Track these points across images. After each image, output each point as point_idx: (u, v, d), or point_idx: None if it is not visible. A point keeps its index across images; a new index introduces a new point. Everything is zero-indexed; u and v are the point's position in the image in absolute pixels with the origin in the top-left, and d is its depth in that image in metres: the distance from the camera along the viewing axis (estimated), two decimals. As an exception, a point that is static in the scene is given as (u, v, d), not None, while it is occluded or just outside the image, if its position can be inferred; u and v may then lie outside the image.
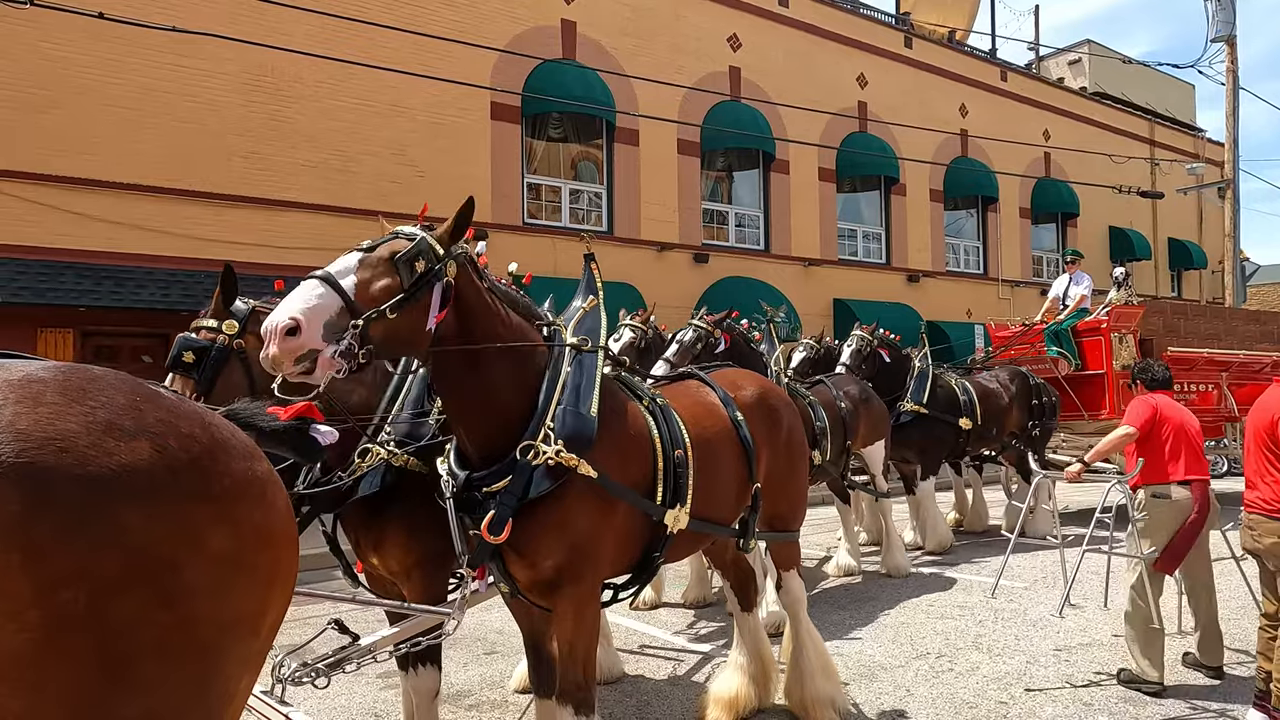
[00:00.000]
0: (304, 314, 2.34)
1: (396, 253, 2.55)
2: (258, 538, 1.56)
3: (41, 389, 1.42)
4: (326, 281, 2.44)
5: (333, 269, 2.50)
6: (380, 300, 2.49)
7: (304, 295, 2.39)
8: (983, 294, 20.05)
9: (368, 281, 2.51)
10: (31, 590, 1.29)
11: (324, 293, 2.42)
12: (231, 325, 3.12)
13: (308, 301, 2.38)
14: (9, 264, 9.63)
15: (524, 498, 2.71)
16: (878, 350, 8.24)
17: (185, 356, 3.03)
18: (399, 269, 2.53)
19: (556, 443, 2.74)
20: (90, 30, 9.61)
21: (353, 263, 2.53)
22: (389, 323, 2.49)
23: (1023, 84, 21.60)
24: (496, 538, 2.68)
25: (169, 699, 1.43)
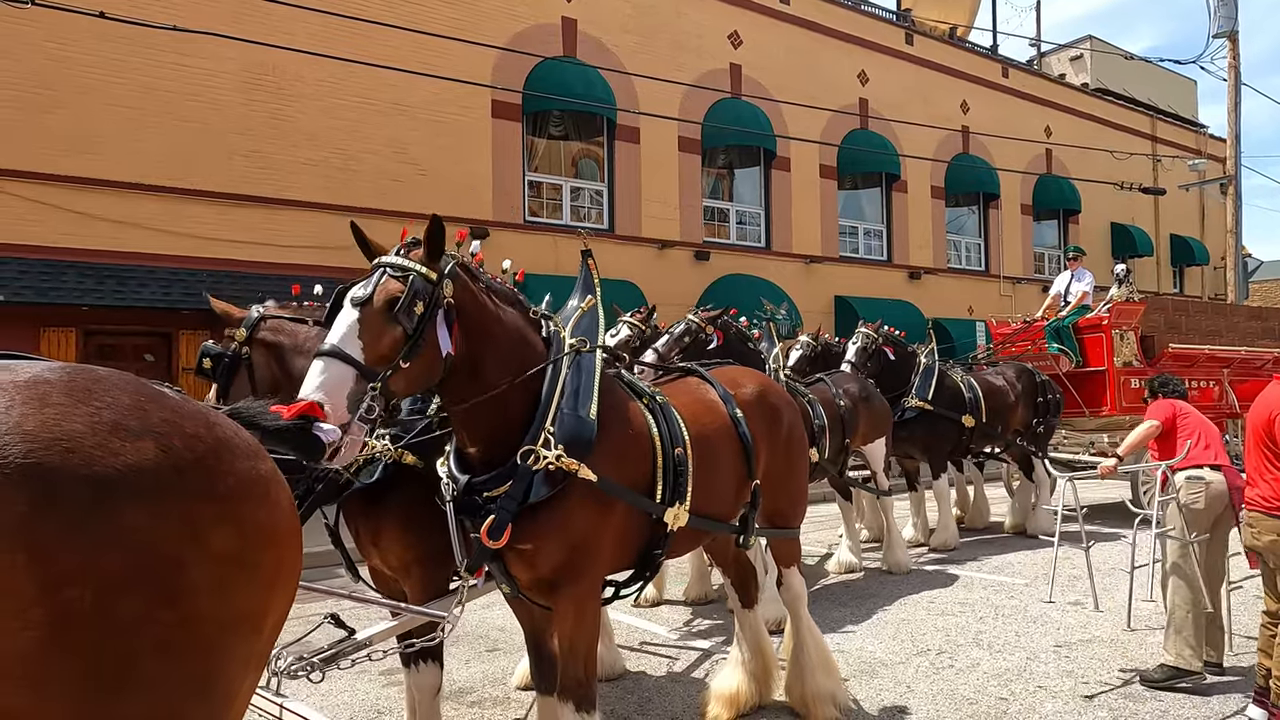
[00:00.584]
0: (326, 398, 2.32)
1: (394, 301, 2.50)
2: (261, 537, 1.58)
3: (48, 390, 1.43)
4: (334, 356, 2.41)
5: (335, 339, 2.45)
6: (391, 356, 2.48)
7: (316, 377, 2.37)
8: (984, 291, 20.04)
9: (374, 341, 2.47)
10: (36, 589, 1.30)
11: (335, 367, 2.39)
12: (240, 332, 3.22)
13: (328, 384, 2.36)
14: (12, 263, 9.66)
15: (524, 502, 2.72)
16: (882, 348, 8.24)
17: (205, 363, 3.15)
18: (400, 319, 2.49)
19: (557, 447, 2.74)
20: (93, 30, 9.63)
21: (353, 325, 2.47)
22: (404, 372, 2.50)
23: (1024, 80, 21.57)
24: (496, 542, 2.69)
25: (172, 697, 1.45)
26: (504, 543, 2.70)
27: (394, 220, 12.55)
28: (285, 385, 3.16)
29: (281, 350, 3.25)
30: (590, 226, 14.55)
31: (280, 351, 3.24)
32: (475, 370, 2.73)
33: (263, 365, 3.20)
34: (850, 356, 8.05)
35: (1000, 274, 20.53)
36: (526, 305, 3.05)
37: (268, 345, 3.24)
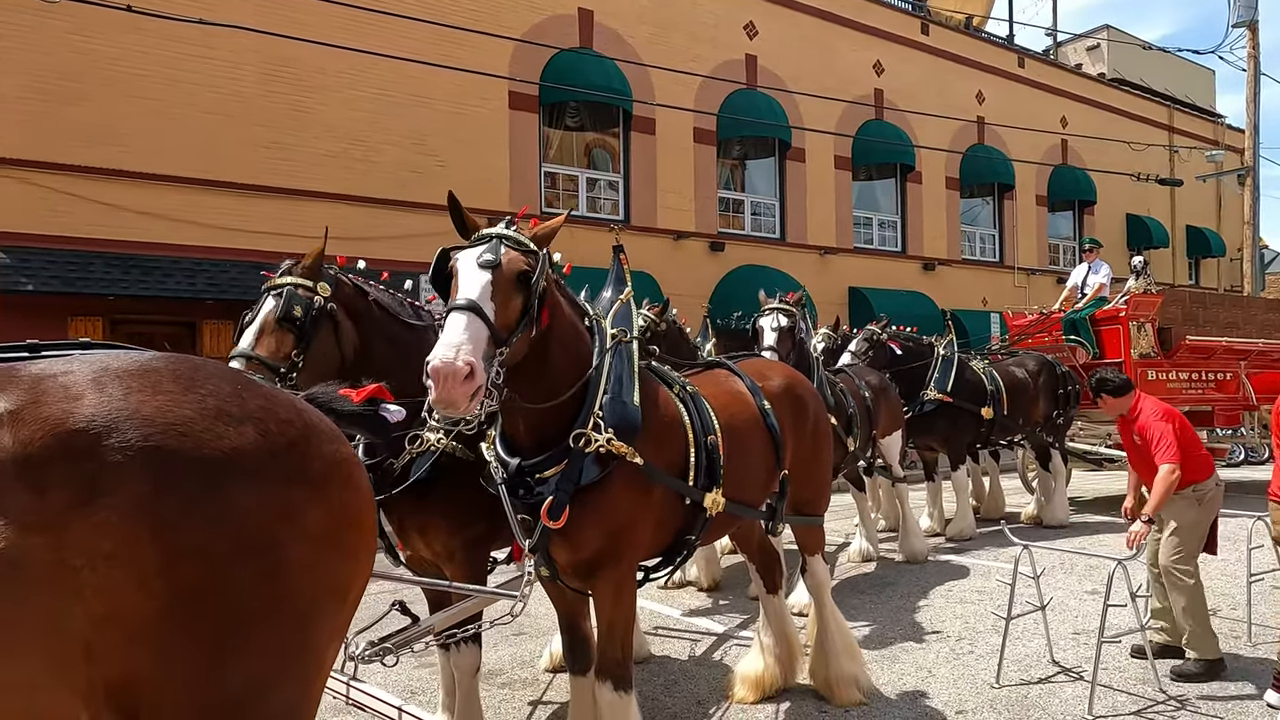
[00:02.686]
0: (474, 355, 2.41)
1: (524, 273, 2.61)
2: (346, 517, 1.68)
3: (158, 378, 1.53)
4: (474, 312, 2.49)
5: (472, 294, 2.52)
6: (515, 324, 2.58)
7: (461, 331, 2.44)
8: (999, 282, 20.01)
9: (504, 306, 2.56)
10: (158, 562, 1.41)
11: (477, 325, 2.48)
12: (325, 288, 3.21)
13: (472, 339, 2.43)
14: (41, 253, 9.82)
15: (578, 483, 2.81)
16: (887, 344, 8.26)
17: (295, 311, 3.11)
18: (523, 289, 2.59)
19: (607, 431, 2.85)
20: (119, 23, 9.75)
21: (486, 286, 2.55)
22: (519, 343, 2.60)
23: (1040, 70, 21.45)
24: (555, 522, 2.78)
25: (273, 663, 1.55)
26: (563, 522, 2.79)
27: (412, 212, 12.71)
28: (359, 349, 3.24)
29: (359, 313, 3.30)
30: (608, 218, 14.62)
31: (358, 315, 3.30)
32: (544, 357, 2.83)
33: (346, 326, 3.24)
34: (850, 348, 8.09)
35: (1015, 265, 20.49)
36: (575, 296, 3.16)
37: (349, 308, 3.27)
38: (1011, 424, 8.87)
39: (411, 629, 3.06)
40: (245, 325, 3.18)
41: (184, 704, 1.47)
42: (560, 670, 4.81)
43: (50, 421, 1.40)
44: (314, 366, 3.10)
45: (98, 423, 1.42)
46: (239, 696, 1.52)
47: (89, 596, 1.37)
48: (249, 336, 3.12)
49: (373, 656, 2.88)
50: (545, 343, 2.81)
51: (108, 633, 1.39)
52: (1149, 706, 4.19)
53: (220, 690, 1.49)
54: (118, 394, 1.47)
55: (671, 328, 6.27)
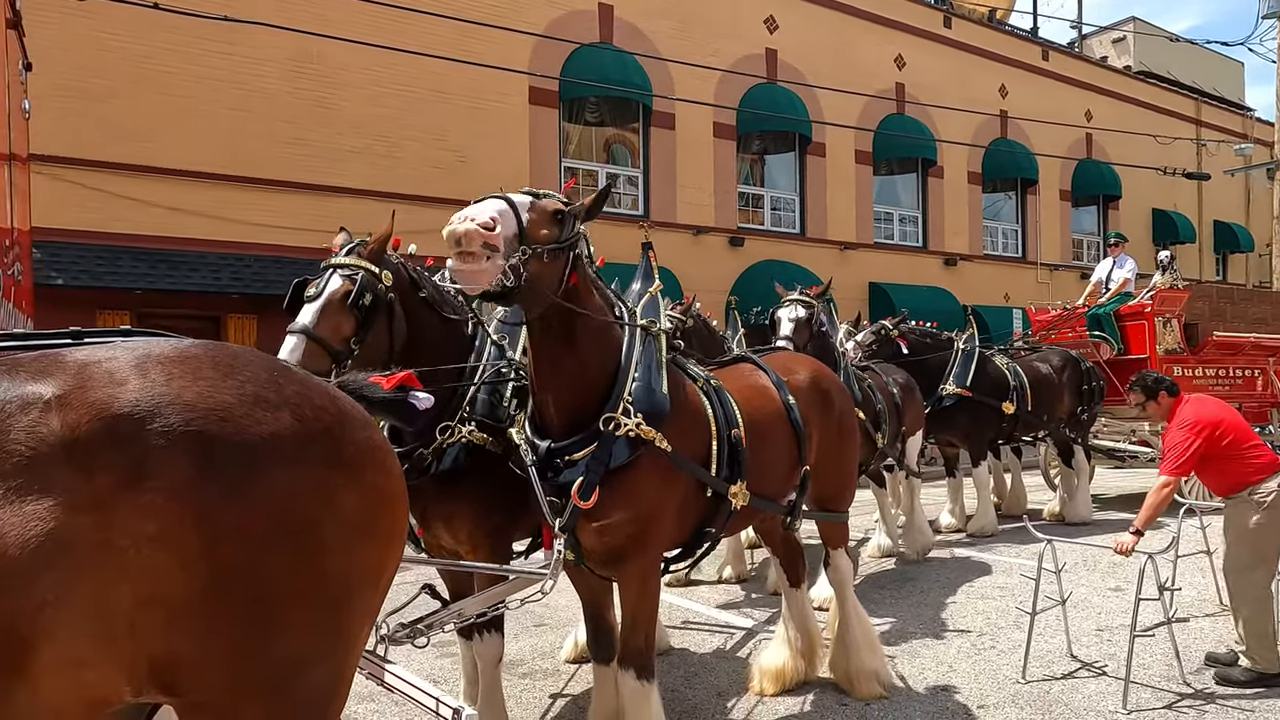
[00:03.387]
0: (502, 217, 2.56)
1: (558, 210, 2.77)
2: (379, 501, 1.72)
3: (198, 364, 1.57)
4: (510, 204, 2.64)
5: (514, 197, 2.70)
6: (537, 240, 2.69)
7: (496, 206, 2.60)
8: (1021, 277, 19.83)
9: (536, 223, 2.71)
10: (200, 544, 1.44)
11: (509, 212, 2.62)
12: (387, 276, 3.17)
13: (502, 211, 2.59)
14: (71, 248, 9.98)
15: (608, 465, 2.86)
16: (895, 340, 8.14)
17: (365, 299, 3.05)
18: (555, 222, 2.75)
19: (636, 416, 2.89)
20: (146, 20, 9.87)
21: (526, 202, 2.73)
22: (541, 266, 2.69)
23: (1065, 63, 21.21)
24: (586, 502, 2.83)
25: (309, 643, 1.59)
26: (593, 503, 2.84)
27: (434, 207, 12.72)
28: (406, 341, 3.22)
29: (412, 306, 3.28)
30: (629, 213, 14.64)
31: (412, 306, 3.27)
32: (572, 335, 2.89)
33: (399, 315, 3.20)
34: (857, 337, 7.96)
35: (1038, 260, 20.30)
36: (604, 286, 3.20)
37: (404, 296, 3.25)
38: (1035, 420, 8.79)
39: (442, 611, 3.10)
40: (306, 298, 3.07)
41: (224, 681, 1.51)
42: (581, 661, 4.85)
43: (96, 406, 1.44)
44: (367, 355, 3.05)
45: (142, 407, 1.45)
46: (277, 675, 1.56)
47: (135, 577, 1.41)
48: (311, 313, 3.00)
49: (404, 638, 2.92)
50: (573, 325, 2.88)
51: (152, 612, 1.43)
52: (1176, 701, 4.16)
53: (259, 668, 1.53)
54: (160, 379, 1.50)
55: (698, 323, 6.27)
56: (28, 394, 1.44)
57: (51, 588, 1.34)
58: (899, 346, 8.16)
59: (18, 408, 1.42)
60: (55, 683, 1.36)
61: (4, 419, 1.40)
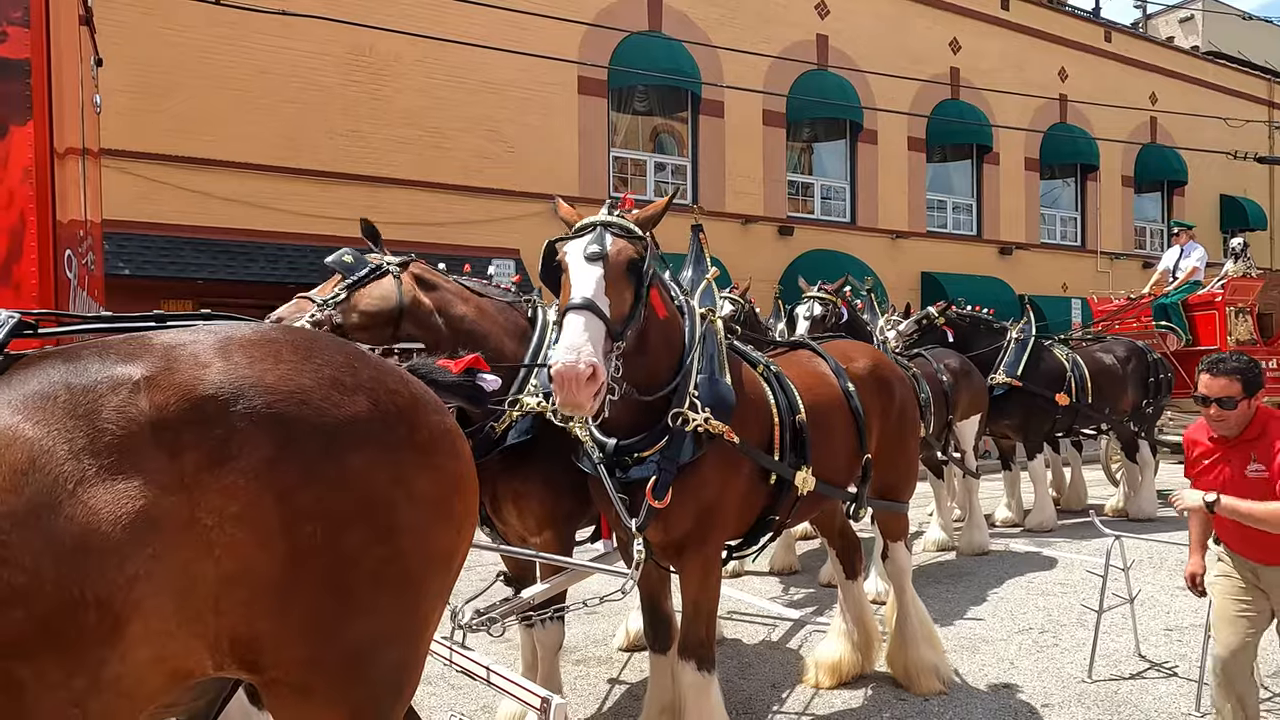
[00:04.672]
0: (595, 355, 2.43)
1: (634, 261, 2.61)
2: (451, 483, 1.73)
3: (278, 348, 1.59)
4: (592, 311, 2.50)
5: (587, 292, 2.52)
6: (628, 315, 2.60)
7: (581, 332, 2.45)
8: (1080, 267, 19.25)
9: (619, 299, 2.58)
10: (280, 523, 1.47)
11: (594, 324, 2.49)
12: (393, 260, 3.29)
13: (592, 340, 2.44)
14: (135, 239, 10.29)
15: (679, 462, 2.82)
16: (940, 328, 7.97)
17: (345, 257, 3.19)
18: (634, 278, 2.60)
19: (704, 410, 2.85)
20: (207, 15, 10.11)
21: (599, 281, 2.56)
22: (632, 333, 2.63)
23: (1128, 45, 20.47)
24: (660, 501, 2.80)
25: (385, 623, 1.61)
26: (667, 502, 2.80)
27: (483, 198, 12.91)
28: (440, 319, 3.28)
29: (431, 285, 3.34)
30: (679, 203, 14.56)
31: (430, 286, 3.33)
32: (644, 340, 2.82)
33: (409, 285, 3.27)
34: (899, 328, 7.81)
35: (1098, 249, 19.68)
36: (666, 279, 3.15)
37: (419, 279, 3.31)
38: (1094, 412, 8.52)
39: (516, 600, 3.12)
40: None
41: (302, 658, 1.54)
42: (634, 649, 4.85)
43: (182, 387, 1.47)
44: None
45: (225, 389, 1.48)
46: (353, 653, 1.58)
47: (219, 554, 1.44)
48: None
49: (479, 625, 2.95)
50: (647, 332, 2.81)
51: (234, 589, 1.46)
52: (1251, 707, 4.00)
53: (336, 646, 1.56)
54: (243, 362, 1.53)
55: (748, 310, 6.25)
56: (118, 375, 1.47)
57: (142, 563, 1.37)
58: (944, 334, 7.98)
59: (109, 388, 1.45)
60: (143, 653, 1.40)
61: (96, 399, 1.44)
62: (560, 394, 2.40)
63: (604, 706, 4.20)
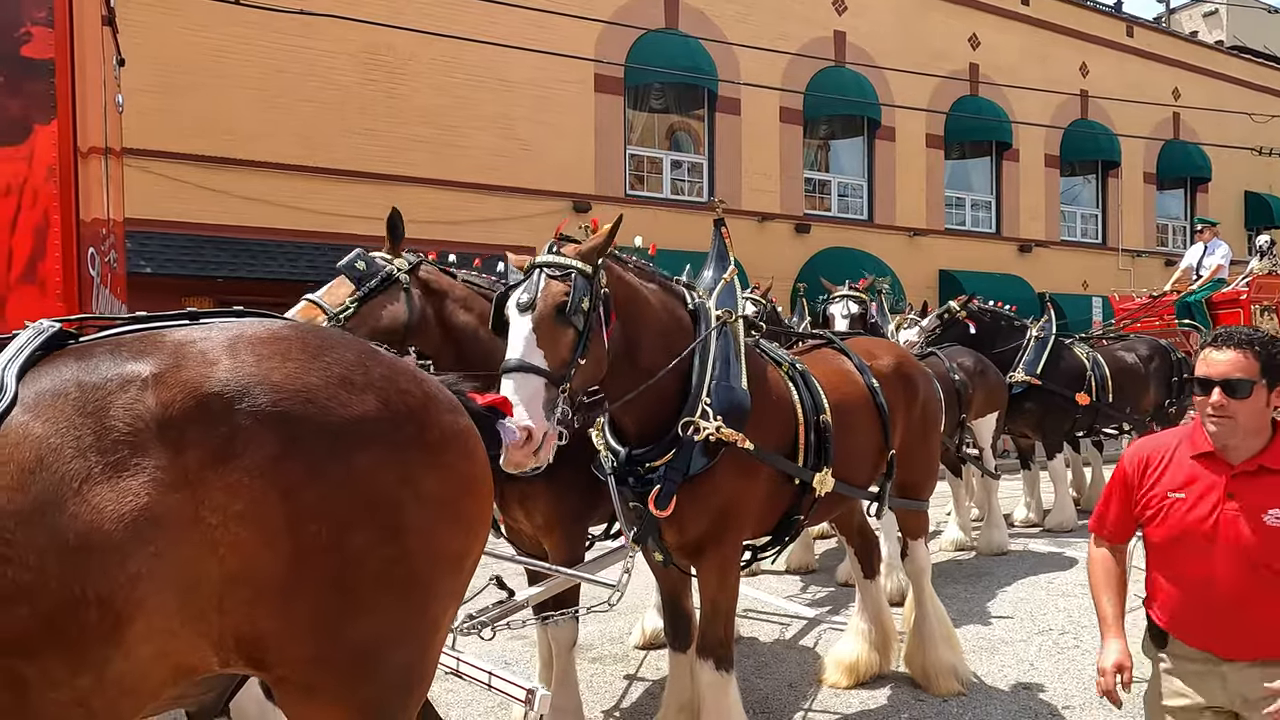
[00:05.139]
0: (530, 418, 2.44)
1: (562, 305, 2.57)
2: (463, 484, 1.72)
3: (288, 346, 1.59)
4: (523, 370, 2.51)
5: (520, 353, 2.53)
6: (569, 358, 2.56)
7: (514, 394, 2.45)
8: (1101, 264, 19.03)
9: (553, 346, 2.55)
10: (285, 521, 1.46)
11: (528, 382, 2.49)
12: (403, 263, 3.25)
13: (527, 401, 2.46)
14: (157, 237, 10.39)
15: (687, 473, 2.80)
16: (963, 322, 7.89)
17: (358, 264, 3.17)
18: (571, 319, 2.57)
19: (716, 418, 2.82)
20: (227, 15, 10.19)
21: (529, 336, 2.55)
22: (582, 370, 2.59)
23: (1151, 39, 20.22)
24: (662, 512, 2.79)
25: (391, 623, 1.60)
26: (669, 512, 2.79)
27: (499, 195, 12.92)
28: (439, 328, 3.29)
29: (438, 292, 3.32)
30: (693, 200, 14.55)
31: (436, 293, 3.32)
32: (633, 352, 2.81)
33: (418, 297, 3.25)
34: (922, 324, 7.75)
35: (1119, 247, 19.46)
36: (669, 279, 3.13)
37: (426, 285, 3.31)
38: (1115, 412, 8.43)
39: (508, 604, 3.12)
40: None
41: (308, 656, 1.54)
42: (650, 647, 4.85)
43: (189, 385, 1.47)
44: None
45: (231, 387, 1.48)
46: (360, 653, 1.57)
47: (223, 553, 1.43)
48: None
49: (470, 630, 2.95)
50: (629, 342, 2.79)
51: (238, 587, 1.45)
52: None
53: (342, 646, 1.55)
54: (250, 360, 1.53)
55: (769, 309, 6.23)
56: (127, 372, 1.47)
57: (144, 561, 1.37)
58: (967, 328, 7.90)
59: (118, 385, 1.46)
60: (146, 650, 1.40)
61: (105, 396, 1.44)
62: (502, 458, 2.41)
63: (620, 704, 4.20)
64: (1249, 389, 2.05)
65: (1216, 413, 2.07)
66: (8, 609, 1.30)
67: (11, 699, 1.32)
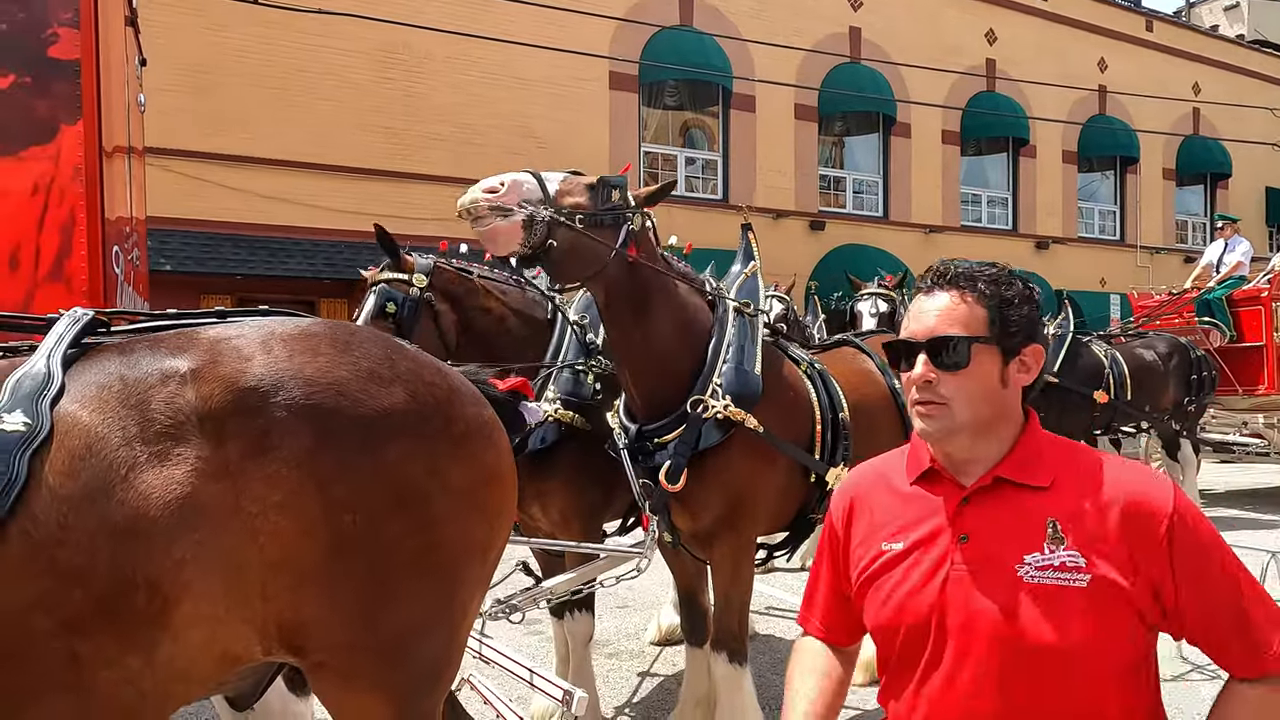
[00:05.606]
0: (509, 180, 2.61)
1: (591, 183, 2.80)
2: (488, 475, 1.75)
3: (318, 341, 1.63)
4: (533, 174, 2.69)
5: (544, 173, 2.75)
6: (573, 209, 2.71)
7: (508, 175, 2.66)
8: (1119, 261, 18.88)
9: (566, 192, 2.74)
10: (321, 512, 1.51)
11: (529, 179, 2.66)
12: (420, 279, 3.30)
13: (514, 176, 2.64)
14: (177, 235, 10.51)
15: (696, 448, 2.85)
16: None
17: (388, 307, 3.25)
18: (593, 193, 2.77)
19: (725, 398, 2.87)
20: (247, 15, 10.29)
21: (558, 175, 2.78)
22: (574, 235, 2.69)
23: (1170, 34, 20.01)
24: (674, 486, 2.84)
25: (423, 611, 1.64)
26: (681, 486, 2.84)
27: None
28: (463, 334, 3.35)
29: (458, 297, 3.39)
30: (707, 198, 14.55)
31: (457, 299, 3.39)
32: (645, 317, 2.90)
33: (445, 311, 3.33)
34: None
35: (1137, 244, 19.29)
36: (690, 274, 3.19)
37: (447, 293, 3.37)
38: (1134, 410, 8.36)
39: (535, 589, 3.17)
40: None
41: (345, 644, 1.58)
42: (666, 644, 4.87)
43: (226, 379, 1.52)
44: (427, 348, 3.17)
45: (266, 381, 1.53)
46: (393, 641, 1.61)
47: (263, 541, 1.48)
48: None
49: (499, 614, 2.99)
50: (642, 302, 2.89)
51: (279, 576, 1.50)
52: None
53: (377, 634, 1.59)
54: (283, 355, 1.57)
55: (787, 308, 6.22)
56: (167, 368, 1.53)
57: (189, 547, 1.42)
58: None
59: (159, 380, 1.51)
60: (194, 634, 1.45)
61: (147, 389, 1.49)
62: (470, 220, 2.61)
63: (637, 699, 4.22)
64: (966, 352, 1.34)
65: (922, 395, 1.36)
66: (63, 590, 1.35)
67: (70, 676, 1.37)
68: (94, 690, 1.39)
